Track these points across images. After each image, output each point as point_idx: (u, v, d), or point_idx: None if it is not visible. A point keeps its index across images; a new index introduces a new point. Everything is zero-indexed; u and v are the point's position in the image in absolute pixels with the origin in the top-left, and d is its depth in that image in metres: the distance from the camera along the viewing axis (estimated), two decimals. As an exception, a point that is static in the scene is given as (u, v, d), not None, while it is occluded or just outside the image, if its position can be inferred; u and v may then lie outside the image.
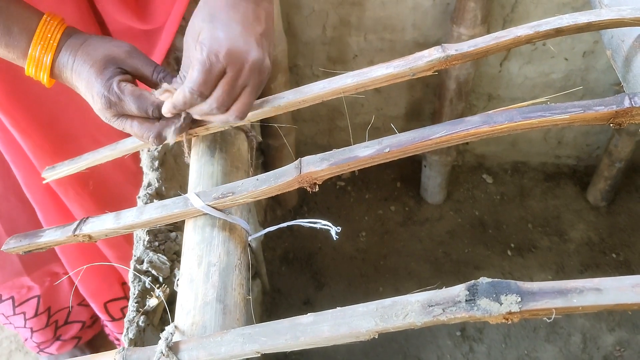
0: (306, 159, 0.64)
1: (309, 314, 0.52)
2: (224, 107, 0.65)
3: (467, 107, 1.75)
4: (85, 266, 1.19)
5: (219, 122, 0.68)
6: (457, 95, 1.65)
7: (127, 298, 1.46)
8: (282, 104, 0.72)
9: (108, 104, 0.67)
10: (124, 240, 1.26)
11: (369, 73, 0.69)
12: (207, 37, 0.63)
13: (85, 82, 0.69)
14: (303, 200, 2.01)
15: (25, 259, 1.35)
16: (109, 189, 1.22)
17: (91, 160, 0.83)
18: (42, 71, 0.70)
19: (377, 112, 1.87)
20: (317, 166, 0.63)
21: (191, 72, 0.64)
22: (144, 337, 0.81)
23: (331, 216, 1.95)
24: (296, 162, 0.64)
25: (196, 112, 0.67)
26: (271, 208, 1.88)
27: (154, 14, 1.00)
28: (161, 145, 0.77)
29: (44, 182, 0.86)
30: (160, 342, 0.56)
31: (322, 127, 1.94)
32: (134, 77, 0.71)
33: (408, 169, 2.06)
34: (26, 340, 1.55)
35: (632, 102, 0.55)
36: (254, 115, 0.73)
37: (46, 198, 1.17)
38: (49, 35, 0.69)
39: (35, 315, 1.47)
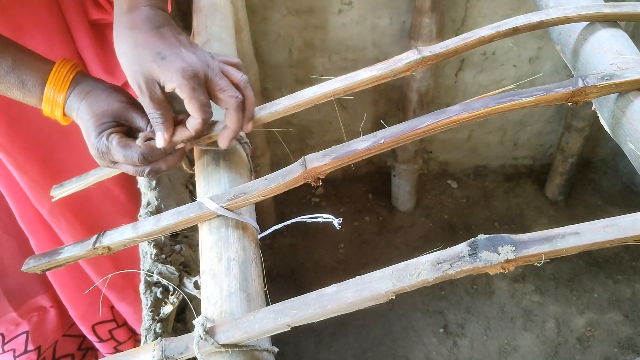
0: (309, 156, 0.71)
1: (332, 285, 0.59)
2: (236, 91, 0.72)
3: (428, 116, 1.87)
4: (110, 275, 1.24)
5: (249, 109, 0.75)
6: (420, 107, 1.77)
7: (115, 321, 1.49)
8: (279, 110, 0.79)
9: (100, 154, 0.75)
10: (111, 266, 1.31)
11: (356, 76, 0.77)
12: (169, 70, 0.69)
13: (84, 131, 0.76)
14: (280, 219, 2.07)
15: (10, 294, 1.36)
16: (99, 218, 1.26)
17: (98, 176, 0.88)
18: (57, 109, 0.77)
19: (345, 129, 1.96)
20: (320, 161, 0.70)
21: (187, 101, 0.70)
22: (161, 344, 0.86)
23: (309, 231, 2.02)
24: (300, 159, 0.72)
25: (235, 120, 0.73)
26: (251, 228, 1.94)
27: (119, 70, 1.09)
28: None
29: (53, 200, 0.90)
30: (196, 328, 0.61)
31: (293, 147, 2.02)
32: (131, 130, 0.77)
33: (378, 181, 2.16)
34: None
35: (585, 82, 0.65)
36: (254, 122, 0.80)
37: (39, 228, 1.21)
38: (62, 78, 0.76)
39: (25, 352, 1.48)
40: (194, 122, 0.73)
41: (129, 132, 0.77)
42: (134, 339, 1.53)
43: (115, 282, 1.34)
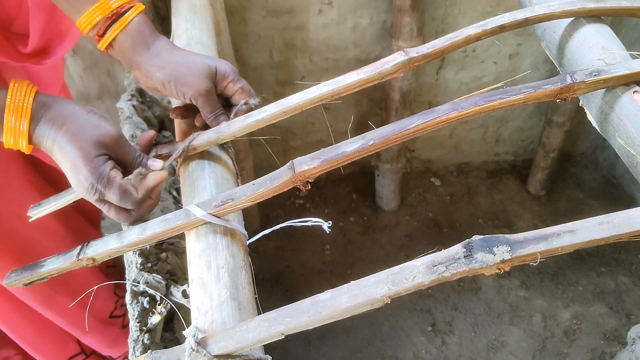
0: (298, 159, 0.70)
1: (326, 291, 0.58)
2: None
3: (411, 115, 1.87)
4: (86, 292, 1.19)
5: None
6: (402, 105, 1.76)
7: (85, 353, 1.43)
8: (266, 117, 0.78)
9: (94, 191, 0.72)
10: (67, 298, 1.21)
11: (342, 81, 0.76)
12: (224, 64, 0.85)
13: (71, 163, 0.71)
14: (265, 222, 2.06)
15: None
16: (36, 256, 1.18)
17: (77, 194, 0.85)
18: (21, 138, 0.71)
19: (327, 129, 1.95)
20: (308, 165, 0.69)
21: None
22: (149, 355, 0.84)
23: (294, 234, 2.01)
24: (289, 163, 0.70)
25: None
26: (235, 232, 1.92)
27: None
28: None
29: (30, 220, 0.85)
30: (187, 339, 0.60)
31: (276, 150, 2.00)
32: (118, 162, 0.75)
33: (361, 181, 2.15)
34: None
35: (573, 79, 0.65)
36: (240, 130, 0.79)
37: None
38: (20, 102, 0.70)
39: None
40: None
41: (119, 163, 0.75)
42: None
43: (77, 318, 1.27)
